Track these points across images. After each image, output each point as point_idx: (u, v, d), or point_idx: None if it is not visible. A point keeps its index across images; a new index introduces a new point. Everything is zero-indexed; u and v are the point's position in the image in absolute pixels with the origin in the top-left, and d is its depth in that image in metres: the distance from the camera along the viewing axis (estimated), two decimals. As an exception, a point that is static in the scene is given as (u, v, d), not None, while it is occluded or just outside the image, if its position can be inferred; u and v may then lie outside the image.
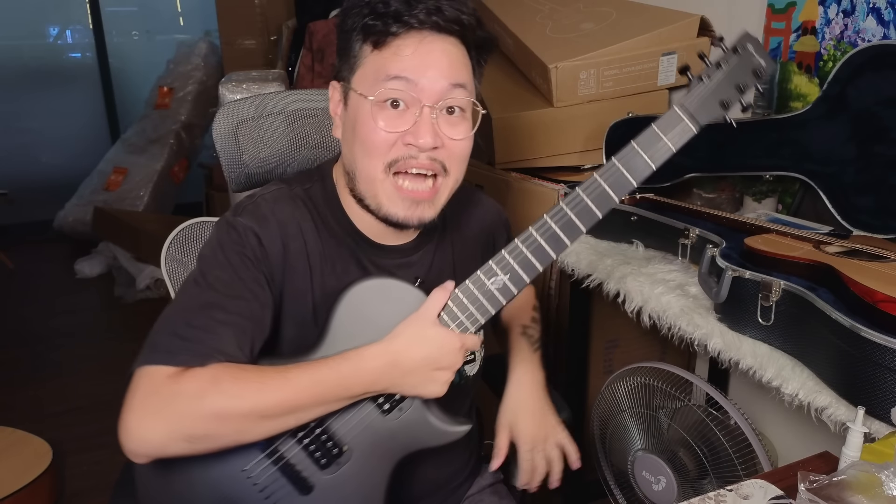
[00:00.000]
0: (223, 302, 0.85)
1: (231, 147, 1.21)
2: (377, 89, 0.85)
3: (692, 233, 1.35)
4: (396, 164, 0.87)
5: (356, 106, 0.89)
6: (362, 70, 0.88)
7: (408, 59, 0.85)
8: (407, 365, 0.86)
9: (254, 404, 0.81)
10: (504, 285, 0.88)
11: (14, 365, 2.77)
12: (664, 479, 1.51)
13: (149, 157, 3.98)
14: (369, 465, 0.93)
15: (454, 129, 0.88)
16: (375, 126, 0.86)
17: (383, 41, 0.85)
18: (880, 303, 0.93)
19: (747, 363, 1.13)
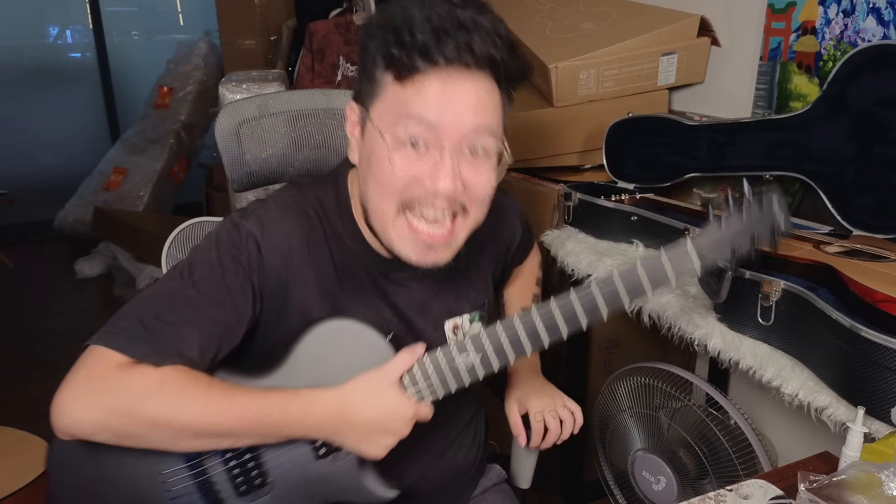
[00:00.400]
0: (200, 303, 0.82)
1: (233, 146, 1.20)
2: (396, 127, 0.80)
3: (692, 233, 1.35)
4: (410, 203, 0.83)
5: (373, 139, 0.83)
6: (382, 101, 0.82)
7: (432, 99, 0.79)
8: (354, 420, 0.83)
9: (192, 420, 0.78)
10: (472, 366, 0.85)
11: (14, 365, 2.77)
12: (664, 479, 1.50)
13: (149, 157, 3.98)
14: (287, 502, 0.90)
15: (476, 171, 0.83)
16: (392, 166, 0.81)
17: (406, 75, 0.79)
18: (880, 303, 0.93)
19: (747, 363, 1.13)
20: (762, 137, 1.50)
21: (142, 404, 0.77)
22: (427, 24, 0.77)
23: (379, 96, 0.83)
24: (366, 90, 0.85)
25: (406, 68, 0.78)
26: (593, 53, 1.78)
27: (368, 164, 0.84)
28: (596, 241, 1.56)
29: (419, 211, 0.83)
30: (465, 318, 1.00)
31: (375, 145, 0.82)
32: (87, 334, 0.86)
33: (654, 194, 1.57)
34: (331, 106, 1.26)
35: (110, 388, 0.77)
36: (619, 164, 1.74)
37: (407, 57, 0.78)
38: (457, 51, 0.77)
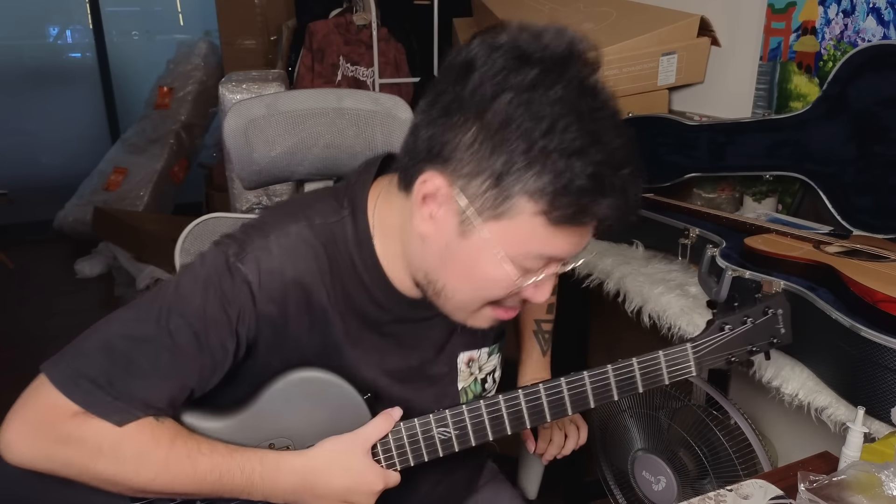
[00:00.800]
0: (175, 356, 0.76)
1: (242, 145, 1.19)
2: (522, 260, 0.73)
3: (692, 233, 1.35)
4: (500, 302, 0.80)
5: (486, 256, 0.73)
6: (512, 226, 0.70)
7: (570, 246, 0.73)
8: (320, 490, 0.80)
9: (146, 483, 0.76)
10: (449, 439, 0.84)
11: (14, 365, 2.77)
12: (664, 479, 1.50)
13: (149, 157, 3.98)
14: None
15: None
16: (499, 283, 0.75)
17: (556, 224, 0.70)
18: (880, 303, 0.93)
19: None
20: (762, 137, 1.50)
21: (96, 462, 0.74)
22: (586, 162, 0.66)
23: (506, 217, 0.70)
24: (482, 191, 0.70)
25: (560, 217, 0.69)
26: (593, 53, 1.78)
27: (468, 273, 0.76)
28: (595, 240, 1.55)
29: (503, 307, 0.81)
30: (483, 352, 0.97)
31: (488, 264, 0.74)
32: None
33: (654, 194, 1.57)
34: (340, 105, 1.24)
35: (63, 439, 0.73)
36: (619, 164, 1.74)
37: (566, 206, 0.68)
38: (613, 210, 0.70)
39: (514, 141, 0.67)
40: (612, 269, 1.42)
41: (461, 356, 0.94)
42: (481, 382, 0.98)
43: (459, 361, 0.94)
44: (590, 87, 0.72)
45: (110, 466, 0.74)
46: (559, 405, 0.86)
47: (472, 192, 0.71)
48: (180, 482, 0.76)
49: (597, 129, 0.68)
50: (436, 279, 0.79)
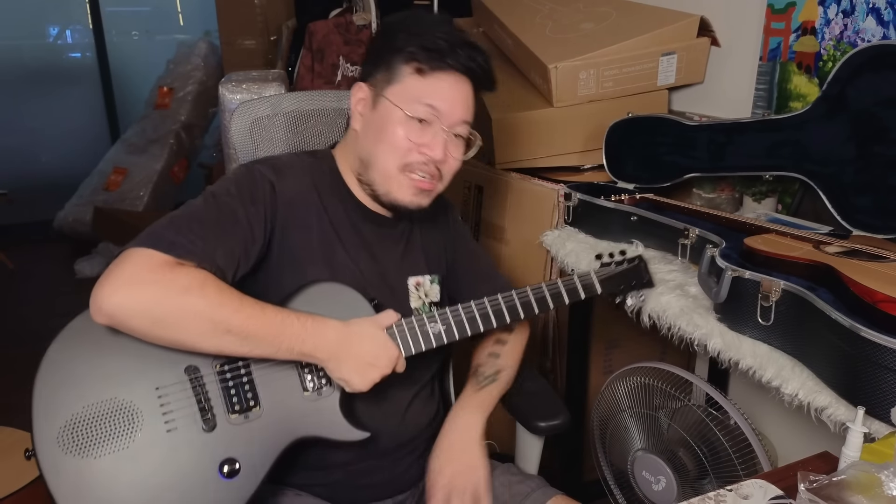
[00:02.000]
0: (225, 223, 0.98)
1: (247, 144, 1.29)
2: (412, 107, 1.05)
3: (692, 233, 1.35)
4: (409, 166, 1.07)
5: (387, 112, 1.06)
6: (400, 87, 1.06)
7: (442, 92, 1.06)
8: (353, 349, 0.98)
9: (226, 318, 0.91)
10: (439, 332, 1.07)
11: (14, 365, 2.77)
12: (664, 479, 1.51)
13: (149, 157, 3.98)
14: (271, 431, 0.98)
15: (456, 150, 1.10)
16: (403, 135, 1.06)
17: (426, 71, 1.05)
18: (880, 303, 0.94)
19: (747, 363, 1.13)
20: (762, 137, 1.50)
21: (187, 296, 0.89)
22: (446, 36, 1.05)
23: (396, 82, 1.06)
24: (380, 76, 1.08)
25: (427, 66, 1.05)
26: (593, 53, 1.78)
27: (379, 133, 1.07)
28: (596, 241, 1.56)
29: (415, 170, 1.07)
30: (426, 279, 1.20)
31: (390, 116, 1.06)
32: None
33: (654, 194, 1.57)
34: (340, 106, 1.37)
35: (158, 280, 0.88)
36: (618, 165, 1.74)
37: (427, 59, 1.05)
38: (465, 60, 1.06)
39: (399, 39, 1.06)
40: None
41: (410, 279, 1.18)
42: (430, 307, 1.19)
43: (410, 283, 1.18)
44: None
45: (197, 300, 0.89)
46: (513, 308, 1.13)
47: (376, 80, 1.09)
48: (253, 321, 0.92)
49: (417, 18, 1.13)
50: (367, 156, 1.09)
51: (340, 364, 0.98)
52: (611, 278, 1.23)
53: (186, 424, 0.94)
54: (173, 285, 0.89)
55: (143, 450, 0.92)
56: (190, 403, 0.95)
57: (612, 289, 1.24)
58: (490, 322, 1.10)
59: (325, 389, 1.01)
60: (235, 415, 0.97)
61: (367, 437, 1.03)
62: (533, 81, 1.92)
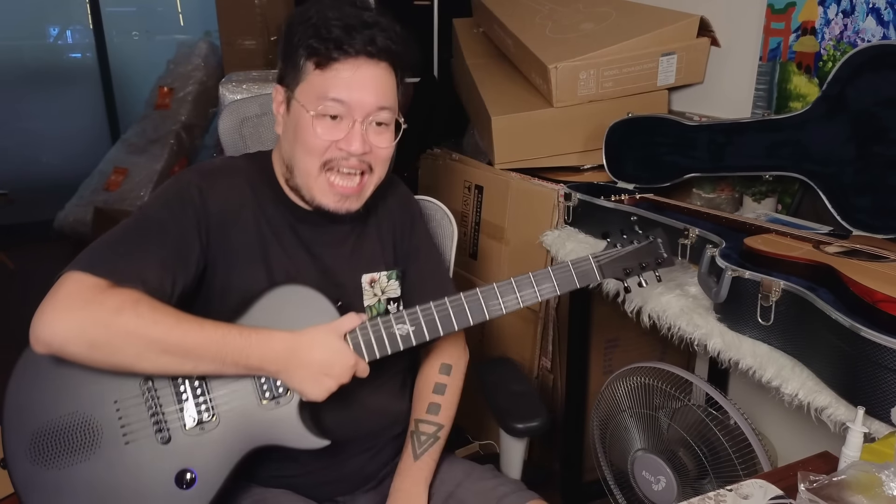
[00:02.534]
0: (156, 236, 0.96)
1: (237, 142, 1.29)
2: (318, 105, 1.00)
3: (692, 233, 1.35)
4: (330, 163, 1.03)
5: (298, 114, 1.02)
6: (306, 85, 1.02)
7: (345, 82, 1.00)
8: (304, 359, 0.95)
9: (162, 335, 0.89)
10: (408, 333, 1.01)
11: (14, 365, 2.77)
12: (664, 479, 1.51)
13: (149, 157, 3.98)
14: (227, 442, 0.98)
15: (380, 139, 1.04)
16: (315, 133, 1.01)
17: (325, 64, 0.99)
18: (880, 303, 0.94)
19: (747, 363, 1.13)
20: (762, 138, 1.50)
21: (118, 316, 0.87)
22: (340, 21, 0.99)
23: (302, 81, 1.02)
24: (290, 75, 1.04)
25: (324, 58, 0.99)
26: (593, 54, 1.78)
27: (295, 134, 1.03)
28: (596, 241, 1.56)
29: (336, 169, 1.03)
30: (382, 275, 1.16)
31: (301, 118, 1.02)
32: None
33: (654, 194, 1.57)
34: None
35: (88, 303, 0.87)
36: (618, 165, 1.74)
37: (325, 49, 0.99)
38: (363, 44, 0.99)
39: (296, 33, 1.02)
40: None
41: (364, 276, 1.14)
42: (385, 303, 1.15)
43: (363, 280, 1.13)
44: None
45: (130, 318, 0.87)
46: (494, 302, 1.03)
47: (288, 80, 1.05)
48: (191, 337, 0.91)
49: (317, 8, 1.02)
50: (288, 160, 1.06)
51: (292, 375, 0.96)
52: (616, 260, 1.07)
53: (143, 437, 0.95)
54: (105, 307, 0.87)
55: (104, 462, 0.95)
56: (146, 416, 0.96)
57: (616, 273, 1.07)
58: (466, 319, 1.02)
59: (283, 398, 0.99)
60: (191, 427, 0.97)
61: (327, 444, 1.00)
62: (533, 82, 1.92)
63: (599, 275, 1.06)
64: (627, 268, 1.08)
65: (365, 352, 1.00)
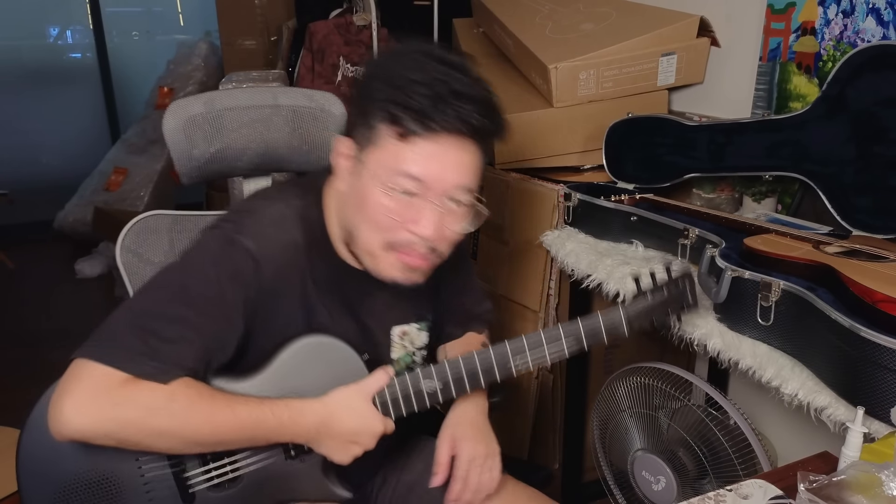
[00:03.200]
0: (197, 321, 0.87)
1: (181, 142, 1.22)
2: (390, 180, 0.89)
3: (692, 233, 1.35)
4: (396, 245, 0.92)
5: (367, 182, 0.91)
6: (379, 150, 0.90)
7: (424, 160, 0.88)
8: (335, 430, 0.93)
9: (195, 432, 0.86)
10: (434, 391, 0.97)
11: (14, 365, 2.77)
12: (664, 479, 1.51)
13: (149, 157, 3.98)
14: (251, 498, 0.98)
15: (453, 220, 0.93)
16: (383, 211, 0.90)
17: (405, 136, 0.87)
18: (880, 303, 0.94)
19: (747, 363, 1.13)
20: (762, 138, 1.50)
21: (151, 418, 0.84)
22: (427, 89, 0.86)
23: (375, 145, 0.90)
24: (361, 132, 0.92)
25: (406, 130, 0.87)
26: (593, 54, 1.78)
27: (360, 203, 0.92)
28: (596, 241, 1.56)
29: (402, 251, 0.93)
30: (413, 326, 1.11)
31: (368, 189, 0.90)
32: (87, 334, 0.86)
33: (654, 194, 1.57)
34: (276, 103, 1.29)
35: (117, 403, 0.82)
36: (618, 165, 1.74)
37: (407, 120, 0.86)
38: (452, 121, 0.87)
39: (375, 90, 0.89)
40: (612, 269, 1.42)
41: (395, 329, 1.08)
42: (412, 355, 1.11)
43: (393, 333, 1.08)
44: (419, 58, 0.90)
45: (164, 420, 0.84)
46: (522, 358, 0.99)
47: (358, 137, 0.92)
48: (224, 428, 0.87)
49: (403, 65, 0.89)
50: (351, 227, 0.95)
51: (320, 444, 0.95)
52: (646, 312, 1.02)
53: (165, 496, 0.95)
54: (135, 408, 0.82)
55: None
56: (169, 474, 0.94)
57: (643, 324, 1.02)
58: (493, 374, 0.98)
59: (308, 455, 0.98)
60: (215, 486, 0.96)
61: (350, 496, 1.00)
62: (533, 82, 1.92)
63: (628, 329, 1.01)
64: (656, 318, 1.04)
65: (392, 410, 0.97)
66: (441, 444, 1.06)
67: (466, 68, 0.90)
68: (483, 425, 1.09)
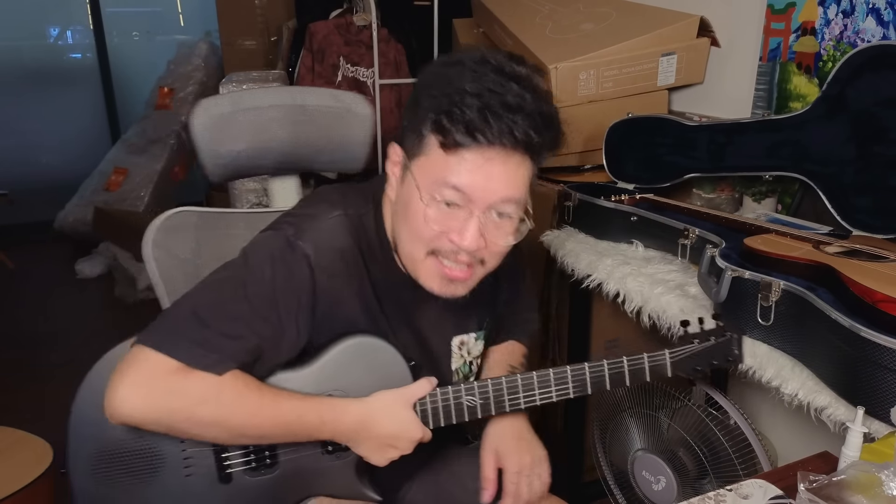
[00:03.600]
0: (252, 320, 0.89)
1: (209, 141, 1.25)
2: (434, 190, 0.88)
3: (692, 233, 1.35)
4: (437, 252, 0.92)
5: (411, 191, 0.90)
6: (425, 160, 0.89)
7: (469, 171, 0.86)
8: (373, 431, 0.94)
9: (241, 423, 0.89)
10: (474, 406, 0.98)
11: (14, 365, 2.77)
12: (664, 479, 1.51)
13: (149, 157, 3.98)
14: (284, 487, 0.99)
15: (498, 232, 0.92)
16: (425, 220, 0.89)
17: (451, 147, 0.86)
18: (880, 303, 0.94)
19: (747, 363, 1.13)
20: (762, 138, 1.50)
21: (200, 408, 0.86)
22: (477, 100, 0.84)
23: (423, 154, 0.89)
24: (411, 140, 0.91)
25: (452, 141, 0.85)
26: (593, 54, 1.78)
27: (405, 211, 0.92)
28: (595, 241, 1.56)
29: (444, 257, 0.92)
30: (471, 336, 1.10)
31: (412, 197, 0.90)
32: (87, 334, 0.86)
33: (654, 194, 1.57)
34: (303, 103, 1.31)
35: (172, 391, 0.85)
36: (618, 165, 1.74)
37: (455, 131, 0.84)
38: (500, 134, 0.84)
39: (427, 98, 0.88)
40: (612, 269, 1.42)
41: (455, 339, 1.08)
42: (469, 365, 1.11)
43: (453, 343, 1.08)
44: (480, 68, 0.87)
45: (213, 410, 0.86)
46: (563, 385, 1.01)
47: (408, 144, 0.91)
48: (269, 421, 0.89)
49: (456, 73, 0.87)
50: (395, 232, 0.96)
51: (359, 445, 0.96)
52: (690, 358, 1.03)
53: (204, 473, 0.97)
54: (187, 396, 0.85)
55: (159, 489, 0.96)
56: (210, 453, 0.96)
57: (686, 370, 1.03)
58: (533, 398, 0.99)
59: (344, 453, 0.99)
60: (251, 470, 0.98)
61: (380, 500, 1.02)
62: (533, 82, 1.92)
63: (670, 371, 1.02)
64: (698, 365, 1.03)
65: (431, 420, 0.97)
66: (485, 460, 1.07)
67: (525, 79, 0.88)
68: (525, 433, 1.10)
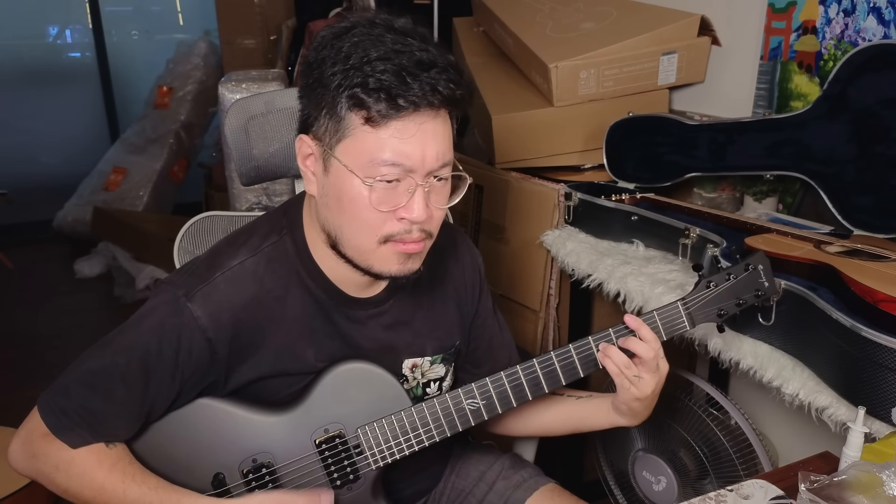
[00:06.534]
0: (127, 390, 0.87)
1: (242, 142, 1.24)
2: (371, 173, 0.81)
3: (693, 232, 1.35)
4: (390, 237, 0.85)
5: (342, 178, 0.83)
6: (351, 142, 0.81)
7: (404, 143, 0.80)
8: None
9: (89, 500, 0.89)
10: (479, 408, 0.95)
11: (14, 365, 2.77)
12: (664, 479, 1.51)
13: (148, 156, 3.98)
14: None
15: (439, 198, 0.87)
16: (370, 205, 0.82)
17: (377, 121, 0.79)
18: (881, 302, 0.93)
19: (748, 363, 1.13)
20: (763, 137, 1.50)
21: (54, 476, 0.88)
22: (388, 63, 0.78)
23: (346, 136, 0.82)
24: (325, 126, 0.83)
25: (376, 114, 0.79)
26: (593, 53, 1.78)
27: (339, 203, 0.85)
28: (596, 240, 1.56)
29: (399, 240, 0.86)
30: (426, 360, 1.03)
31: (347, 184, 0.83)
32: (86, 334, 0.87)
33: (655, 194, 1.57)
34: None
35: (36, 455, 0.89)
36: (619, 164, 1.74)
37: (376, 102, 0.78)
38: (423, 94, 0.79)
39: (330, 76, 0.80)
40: (612, 269, 1.42)
41: (406, 362, 1.02)
42: (423, 386, 1.04)
43: (404, 366, 1.02)
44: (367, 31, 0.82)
45: (63, 481, 0.88)
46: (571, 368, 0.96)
47: (322, 131, 0.83)
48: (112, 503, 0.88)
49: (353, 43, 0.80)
50: (333, 230, 0.88)
51: None
52: (709, 302, 0.94)
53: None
54: (45, 462, 0.88)
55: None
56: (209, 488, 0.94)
57: (709, 317, 0.95)
58: (540, 388, 0.96)
59: (355, 484, 0.96)
60: None
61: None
62: (533, 81, 1.92)
63: (690, 324, 0.94)
64: (722, 309, 0.94)
65: (436, 432, 0.95)
66: None
67: (422, 33, 0.83)
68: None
